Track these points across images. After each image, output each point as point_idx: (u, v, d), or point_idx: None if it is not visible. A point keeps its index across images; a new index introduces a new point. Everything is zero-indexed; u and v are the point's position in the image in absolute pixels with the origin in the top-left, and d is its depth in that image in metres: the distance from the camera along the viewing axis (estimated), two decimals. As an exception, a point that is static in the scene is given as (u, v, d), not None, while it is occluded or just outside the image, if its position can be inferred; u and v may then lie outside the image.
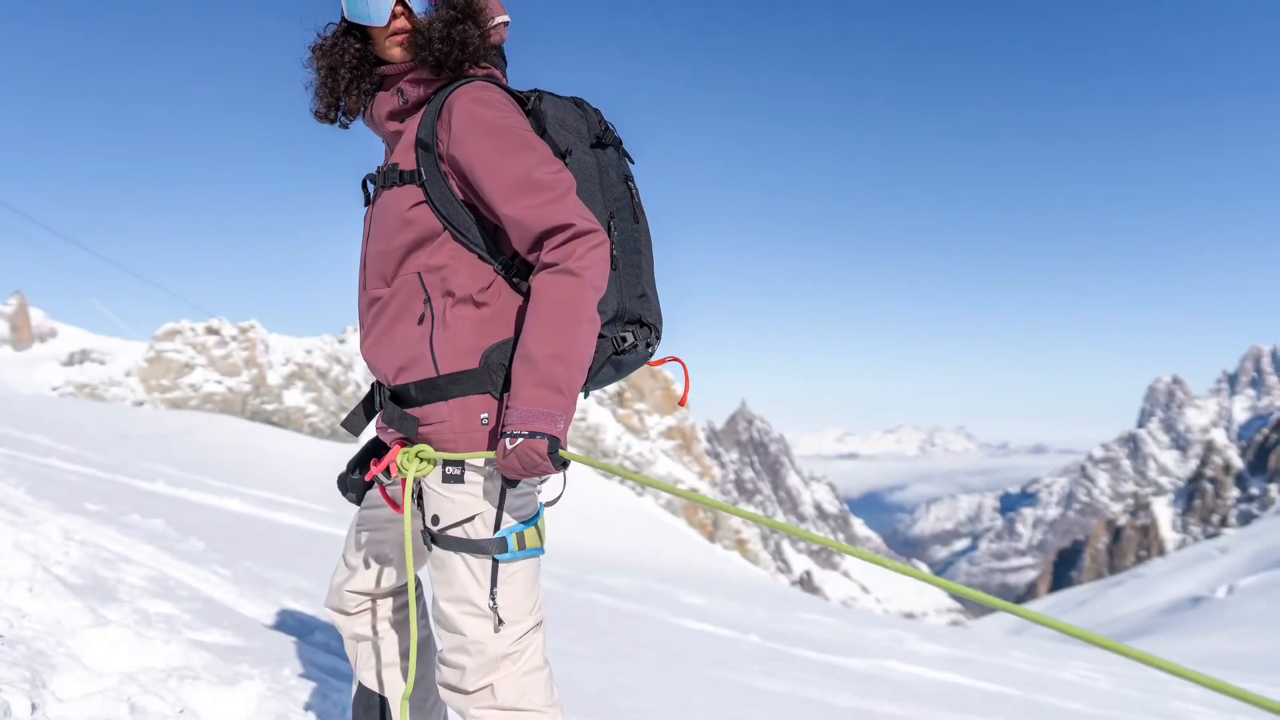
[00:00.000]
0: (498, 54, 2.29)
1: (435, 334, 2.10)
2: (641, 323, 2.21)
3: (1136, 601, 74.24)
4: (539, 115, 2.16)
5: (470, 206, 2.12)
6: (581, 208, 2.04)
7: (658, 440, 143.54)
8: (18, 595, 3.50)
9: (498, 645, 2.06)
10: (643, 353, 2.22)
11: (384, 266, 2.17)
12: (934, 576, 1.44)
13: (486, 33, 2.20)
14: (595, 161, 2.20)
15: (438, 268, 2.12)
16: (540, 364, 1.94)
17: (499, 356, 2.09)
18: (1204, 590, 57.68)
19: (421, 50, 2.14)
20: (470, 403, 2.08)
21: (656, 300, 2.26)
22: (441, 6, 2.16)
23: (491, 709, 2.07)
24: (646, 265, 2.24)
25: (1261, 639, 46.68)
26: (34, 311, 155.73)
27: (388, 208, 2.16)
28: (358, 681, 2.50)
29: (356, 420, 2.27)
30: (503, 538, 2.07)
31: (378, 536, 2.39)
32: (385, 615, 2.46)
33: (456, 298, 2.10)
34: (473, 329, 2.10)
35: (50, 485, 8.96)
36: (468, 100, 2.09)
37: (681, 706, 5.69)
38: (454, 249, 2.12)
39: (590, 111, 2.25)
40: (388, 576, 2.41)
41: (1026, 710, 9.00)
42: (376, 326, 2.19)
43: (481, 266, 2.12)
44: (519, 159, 2.03)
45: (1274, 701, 1.03)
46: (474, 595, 2.07)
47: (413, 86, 2.19)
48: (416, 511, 2.20)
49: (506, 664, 2.07)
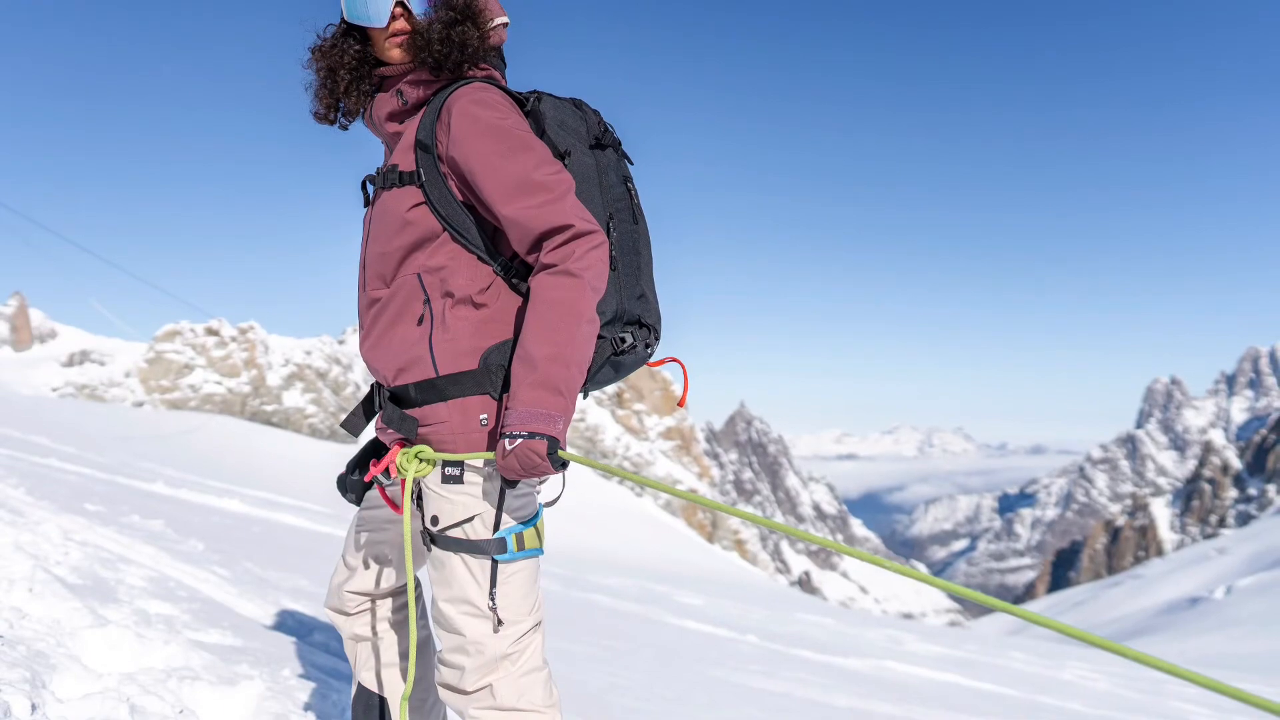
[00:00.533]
0: (497, 55, 2.29)
1: (435, 335, 2.10)
2: (640, 323, 2.21)
3: (1134, 602, 74.18)
4: (538, 116, 2.16)
5: (469, 207, 2.12)
6: (580, 208, 2.05)
7: (657, 441, 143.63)
8: (18, 596, 3.50)
9: (497, 645, 2.06)
10: (642, 354, 2.23)
11: (383, 267, 2.17)
12: (932, 577, 1.43)
13: (486, 34, 2.20)
14: (594, 163, 2.21)
15: (437, 269, 2.11)
16: (539, 365, 1.94)
17: (498, 357, 2.09)
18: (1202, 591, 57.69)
19: (421, 52, 2.14)
20: (470, 403, 2.08)
21: (656, 301, 2.27)
22: (441, 8, 2.15)
23: (490, 709, 2.07)
24: (646, 266, 2.24)
25: (1259, 639, 46.67)
26: (34, 312, 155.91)
27: (387, 209, 2.16)
28: (357, 682, 2.50)
29: (356, 421, 2.27)
30: (502, 538, 2.07)
31: (377, 537, 2.39)
32: (385, 616, 2.46)
33: (456, 299, 2.10)
34: (472, 330, 2.10)
35: (50, 486, 8.96)
36: (467, 101, 2.09)
37: (681, 706, 5.69)
38: (453, 250, 2.12)
39: (589, 112, 2.25)
40: (387, 577, 2.42)
41: (1025, 710, 9.01)
42: (376, 327, 2.19)
43: (481, 267, 2.12)
44: (518, 160, 2.03)
45: (1272, 702, 1.02)
46: (473, 595, 2.06)
47: (412, 88, 2.19)
48: (416, 512, 2.20)
49: (505, 664, 2.07)
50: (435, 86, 2.19)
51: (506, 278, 2.13)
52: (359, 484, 2.35)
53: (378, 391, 2.25)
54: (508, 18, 2.29)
